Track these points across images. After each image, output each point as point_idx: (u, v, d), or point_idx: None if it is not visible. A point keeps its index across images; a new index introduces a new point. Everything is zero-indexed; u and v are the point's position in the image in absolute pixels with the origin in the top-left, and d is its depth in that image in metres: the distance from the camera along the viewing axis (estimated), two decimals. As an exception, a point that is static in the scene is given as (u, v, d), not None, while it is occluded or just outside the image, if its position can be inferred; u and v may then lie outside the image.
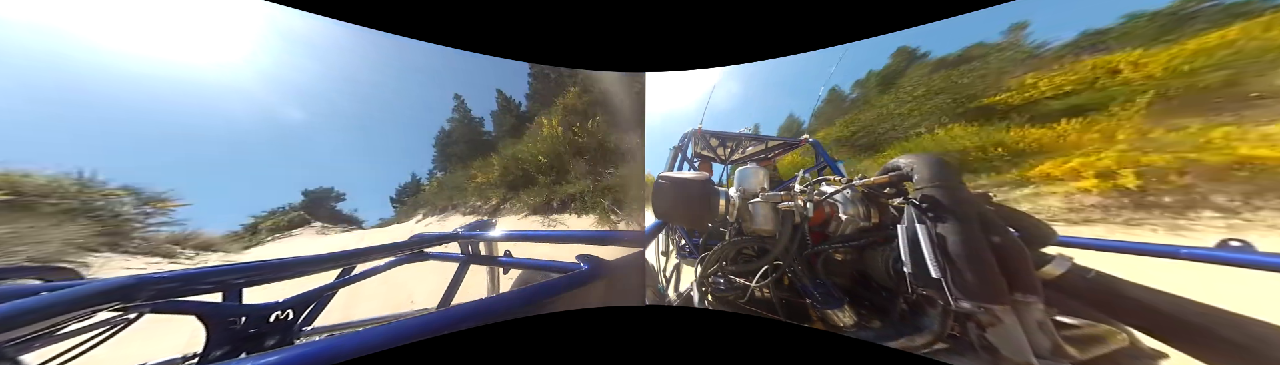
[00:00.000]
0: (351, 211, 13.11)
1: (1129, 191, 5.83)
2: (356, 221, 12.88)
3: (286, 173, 12.40)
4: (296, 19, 13.21)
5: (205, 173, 9.74)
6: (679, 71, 3.31)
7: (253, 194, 11.04)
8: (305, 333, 1.58)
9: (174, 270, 1.21)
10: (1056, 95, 8.20)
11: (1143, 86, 6.86)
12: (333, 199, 13.01)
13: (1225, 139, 5.41)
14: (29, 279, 1.56)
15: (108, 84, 8.51)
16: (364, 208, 13.28)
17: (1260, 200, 4.81)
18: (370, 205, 13.54)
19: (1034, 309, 0.90)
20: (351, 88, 13.47)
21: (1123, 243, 1.68)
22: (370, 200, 13.76)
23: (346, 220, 12.75)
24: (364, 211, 13.17)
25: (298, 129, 12.27)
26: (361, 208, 13.18)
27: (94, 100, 8.11)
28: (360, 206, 13.18)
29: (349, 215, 13.12)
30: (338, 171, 13.37)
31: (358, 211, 13.18)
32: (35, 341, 0.98)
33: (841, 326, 1.26)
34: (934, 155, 1.19)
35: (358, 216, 13.11)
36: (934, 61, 12.13)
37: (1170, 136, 5.99)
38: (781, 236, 1.33)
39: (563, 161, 11.04)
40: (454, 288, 2.17)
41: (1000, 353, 0.88)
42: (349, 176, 13.43)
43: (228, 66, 10.49)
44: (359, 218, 13.04)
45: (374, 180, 14.07)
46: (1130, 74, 7.27)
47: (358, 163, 13.97)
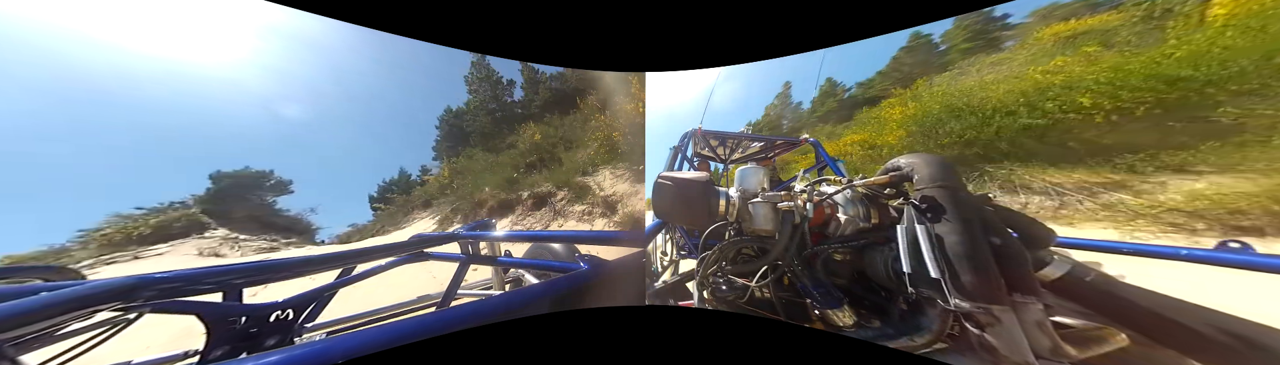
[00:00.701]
0: (301, 213, 7.61)
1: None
2: (303, 230, 7.53)
3: (183, 150, 7.11)
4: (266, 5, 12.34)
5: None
6: (679, 71, 3.32)
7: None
8: (305, 332, 1.59)
9: (174, 270, 1.21)
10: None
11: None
12: (267, 189, 7.79)
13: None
14: (29, 279, 1.56)
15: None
16: (328, 207, 7.88)
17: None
18: (339, 203, 8.04)
19: (1033, 309, 0.90)
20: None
21: (1123, 244, 1.69)
22: (340, 194, 8.49)
23: (284, 227, 7.41)
24: (326, 213, 7.81)
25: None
26: (324, 206, 7.69)
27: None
28: (321, 204, 7.70)
29: (292, 219, 7.69)
30: (289, 148, 8.05)
31: (314, 213, 7.62)
32: (35, 341, 0.98)
33: (841, 326, 1.26)
34: (935, 155, 1.19)
35: (308, 221, 7.65)
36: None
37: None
38: (781, 236, 1.33)
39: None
40: (454, 288, 2.17)
41: (999, 352, 0.88)
42: (306, 158, 8.40)
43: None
44: (309, 223, 7.75)
45: (351, 164, 8.80)
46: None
47: (328, 136, 8.59)
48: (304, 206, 7.80)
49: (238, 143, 9.04)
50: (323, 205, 7.88)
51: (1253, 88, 4.87)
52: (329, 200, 8.25)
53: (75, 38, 8.33)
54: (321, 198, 8.17)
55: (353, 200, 9.01)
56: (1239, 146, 4.71)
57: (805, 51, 2.95)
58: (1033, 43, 9.45)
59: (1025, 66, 8.12)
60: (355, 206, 8.72)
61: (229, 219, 7.21)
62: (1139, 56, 6.30)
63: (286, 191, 7.85)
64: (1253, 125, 4.74)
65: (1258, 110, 4.74)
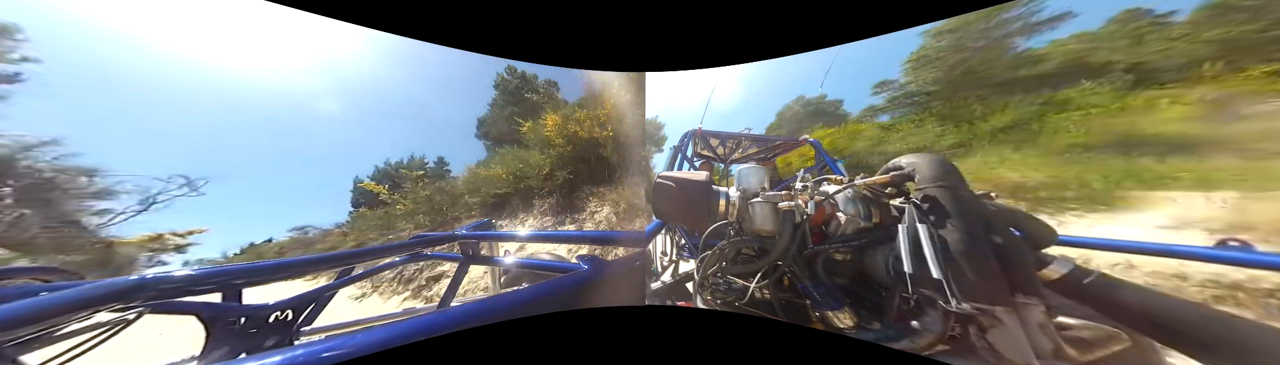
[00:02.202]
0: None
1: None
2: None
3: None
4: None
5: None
6: (679, 71, 3.31)
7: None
8: (304, 333, 1.58)
9: (174, 271, 1.21)
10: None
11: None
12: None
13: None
14: (29, 279, 1.56)
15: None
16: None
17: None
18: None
19: (1035, 310, 0.90)
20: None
21: (1123, 242, 1.69)
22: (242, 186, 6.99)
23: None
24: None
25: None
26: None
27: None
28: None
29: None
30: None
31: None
32: (35, 342, 0.98)
33: (842, 328, 1.26)
34: (937, 155, 1.19)
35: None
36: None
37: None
38: (782, 236, 1.32)
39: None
40: (454, 288, 2.17)
41: (1001, 354, 0.88)
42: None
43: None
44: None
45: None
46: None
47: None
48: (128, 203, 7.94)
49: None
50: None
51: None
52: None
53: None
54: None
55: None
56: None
57: (805, 51, 2.95)
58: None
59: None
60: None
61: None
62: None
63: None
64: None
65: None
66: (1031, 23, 9.27)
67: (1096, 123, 6.44)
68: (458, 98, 13.01)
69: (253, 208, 9.83)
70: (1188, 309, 0.97)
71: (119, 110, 8.01)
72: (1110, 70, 7.36)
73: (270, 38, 10.36)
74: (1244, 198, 3.98)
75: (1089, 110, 6.74)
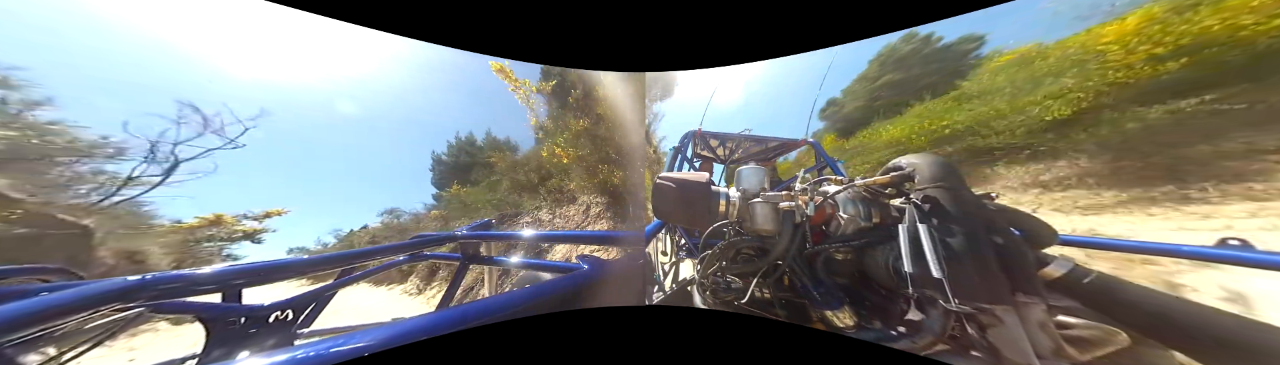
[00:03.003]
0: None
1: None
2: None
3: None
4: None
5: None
6: (679, 71, 3.31)
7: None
8: (304, 333, 1.58)
9: (174, 271, 1.21)
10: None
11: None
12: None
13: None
14: (29, 280, 1.56)
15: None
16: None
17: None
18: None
19: (1035, 309, 0.90)
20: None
21: (1124, 241, 1.69)
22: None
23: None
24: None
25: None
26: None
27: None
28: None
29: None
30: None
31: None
32: (35, 342, 0.98)
33: (842, 327, 1.26)
34: (937, 155, 1.19)
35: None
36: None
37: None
38: (782, 236, 1.32)
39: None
40: (454, 288, 2.17)
41: (1001, 353, 0.88)
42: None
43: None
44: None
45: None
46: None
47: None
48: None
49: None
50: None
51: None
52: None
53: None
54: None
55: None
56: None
57: (805, 51, 2.95)
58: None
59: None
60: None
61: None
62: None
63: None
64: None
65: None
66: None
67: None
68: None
69: (318, 186, 8.17)
70: (1188, 308, 0.97)
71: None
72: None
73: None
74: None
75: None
